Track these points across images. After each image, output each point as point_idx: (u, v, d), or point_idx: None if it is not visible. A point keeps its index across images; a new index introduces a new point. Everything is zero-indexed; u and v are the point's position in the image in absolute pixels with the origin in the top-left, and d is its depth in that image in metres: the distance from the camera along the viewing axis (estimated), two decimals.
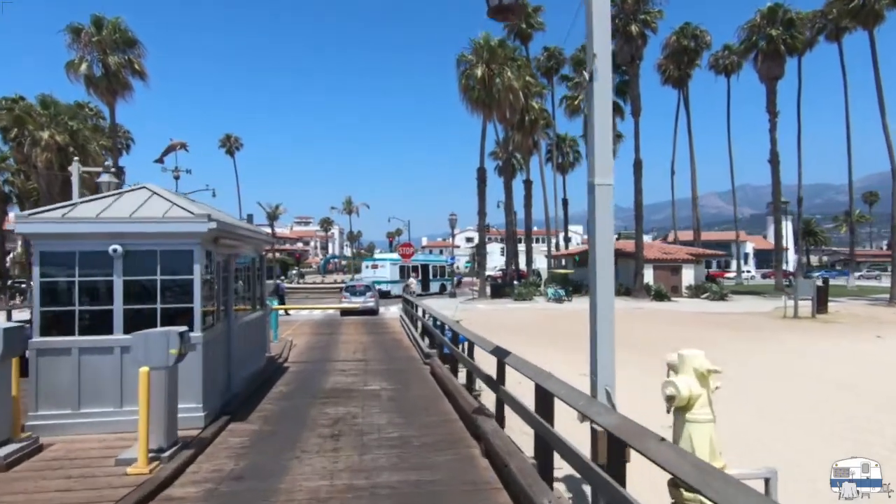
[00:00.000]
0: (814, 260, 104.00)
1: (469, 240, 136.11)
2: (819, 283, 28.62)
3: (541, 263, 55.96)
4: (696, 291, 39.40)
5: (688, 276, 40.87)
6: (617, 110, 39.93)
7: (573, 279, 41.58)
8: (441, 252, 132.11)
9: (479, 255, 38.00)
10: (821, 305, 28.67)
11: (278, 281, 42.30)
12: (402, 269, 44.63)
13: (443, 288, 49.30)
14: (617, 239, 46.48)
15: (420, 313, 17.35)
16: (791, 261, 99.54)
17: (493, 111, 35.19)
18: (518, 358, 6.40)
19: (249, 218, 61.53)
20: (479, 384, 9.12)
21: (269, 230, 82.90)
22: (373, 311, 28.34)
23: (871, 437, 10.01)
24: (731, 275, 59.80)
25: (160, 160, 34.04)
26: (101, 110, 56.50)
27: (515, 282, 39.91)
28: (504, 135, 42.84)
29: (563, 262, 50.50)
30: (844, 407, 12.09)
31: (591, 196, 4.89)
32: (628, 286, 39.81)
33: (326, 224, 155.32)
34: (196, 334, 7.18)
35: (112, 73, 31.04)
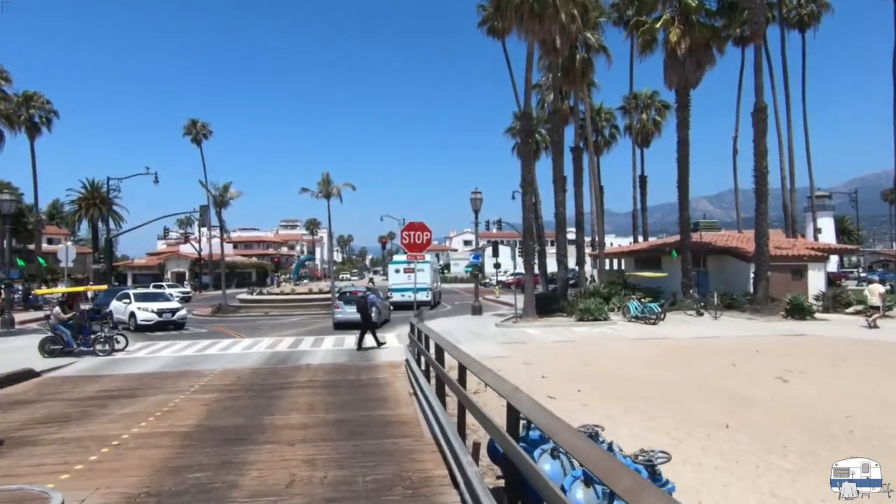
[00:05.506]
0: (845, 261, 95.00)
1: (467, 243, 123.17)
2: None
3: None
4: (833, 303, 26.76)
5: (814, 280, 28.34)
6: (715, 39, 27.30)
7: (646, 285, 28.92)
8: (437, 256, 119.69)
9: (523, 250, 25.07)
10: None
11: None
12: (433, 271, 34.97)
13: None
14: (694, 230, 33.89)
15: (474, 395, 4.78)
16: (833, 261, 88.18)
17: (544, 25, 22.48)
18: None
19: (203, 210, 47.99)
20: None
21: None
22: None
23: None
24: None
25: None
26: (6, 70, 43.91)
27: (570, 292, 27.19)
28: (551, 67, 30.25)
29: (617, 262, 37.95)
30: None
31: None
32: (734, 296, 27.17)
33: (313, 226, 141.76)
34: None
35: None
